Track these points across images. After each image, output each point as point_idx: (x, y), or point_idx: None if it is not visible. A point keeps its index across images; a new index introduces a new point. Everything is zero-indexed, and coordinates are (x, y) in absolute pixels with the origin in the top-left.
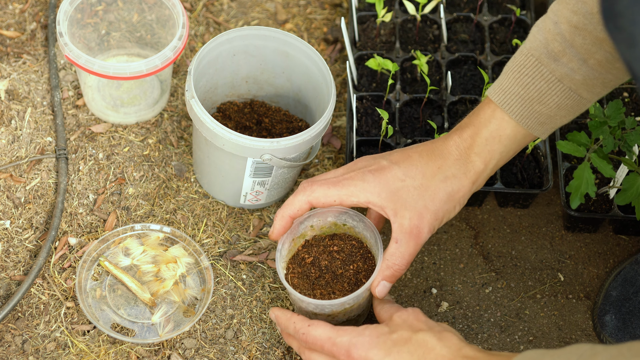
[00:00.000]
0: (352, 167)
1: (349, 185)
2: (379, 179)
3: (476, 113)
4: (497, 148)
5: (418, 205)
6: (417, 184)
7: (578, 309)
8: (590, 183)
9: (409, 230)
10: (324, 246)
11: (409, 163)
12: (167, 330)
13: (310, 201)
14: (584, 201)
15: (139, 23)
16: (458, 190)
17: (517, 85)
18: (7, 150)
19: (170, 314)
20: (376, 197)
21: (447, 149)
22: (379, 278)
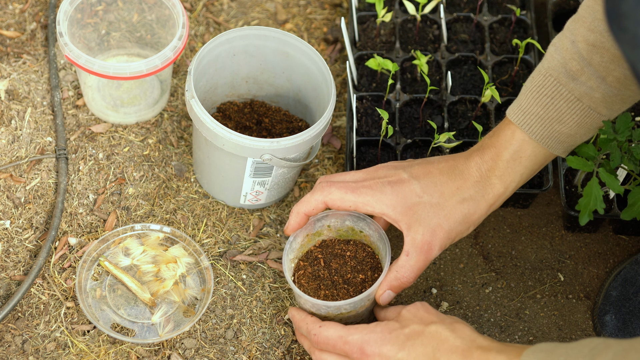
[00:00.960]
0: (373, 175)
1: (366, 194)
2: (397, 192)
3: (497, 134)
4: (518, 169)
5: (432, 223)
6: (434, 202)
7: (578, 309)
8: (599, 199)
9: (420, 245)
10: (339, 249)
11: (428, 180)
12: (167, 330)
13: (327, 202)
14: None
15: (139, 23)
16: (474, 213)
17: (537, 105)
18: (7, 150)
19: (170, 314)
20: (391, 210)
21: (468, 170)
22: (385, 287)
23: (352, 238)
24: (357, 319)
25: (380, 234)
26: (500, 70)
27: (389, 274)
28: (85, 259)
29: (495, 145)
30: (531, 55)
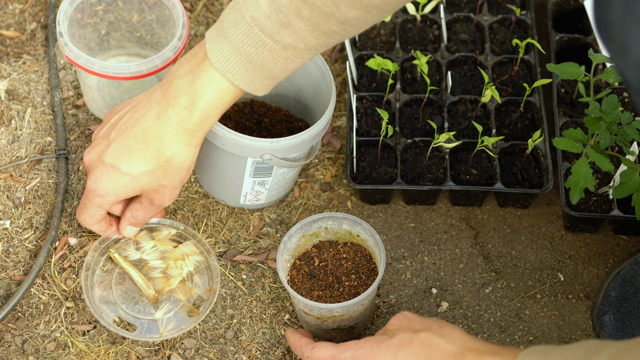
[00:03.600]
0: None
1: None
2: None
3: (191, 80)
4: (215, 114)
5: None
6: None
7: (578, 309)
8: (589, 177)
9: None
10: (335, 251)
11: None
12: (169, 329)
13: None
14: (584, 195)
15: (139, 23)
16: (186, 159)
17: (240, 55)
18: (7, 150)
19: (174, 313)
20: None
21: (163, 128)
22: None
23: (349, 241)
24: (351, 321)
25: (375, 239)
26: (500, 70)
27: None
28: (95, 248)
29: (189, 93)
30: (531, 55)
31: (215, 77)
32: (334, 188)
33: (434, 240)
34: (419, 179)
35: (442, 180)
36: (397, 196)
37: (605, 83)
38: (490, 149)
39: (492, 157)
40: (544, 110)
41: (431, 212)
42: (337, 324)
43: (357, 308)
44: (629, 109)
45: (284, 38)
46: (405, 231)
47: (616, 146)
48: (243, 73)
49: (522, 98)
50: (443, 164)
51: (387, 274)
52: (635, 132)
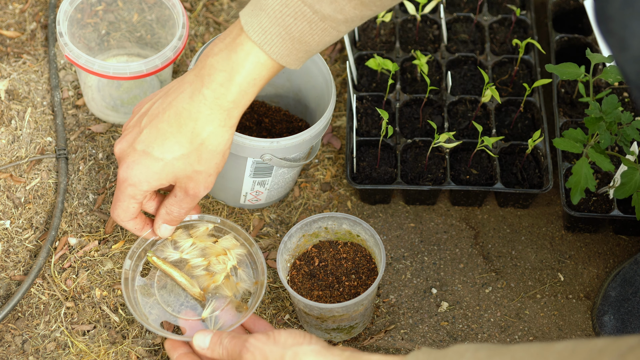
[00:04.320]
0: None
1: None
2: (141, 165)
3: (227, 55)
4: (252, 91)
5: (187, 172)
6: (177, 155)
7: (578, 309)
8: (589, 177)
9: (186, 191)
10: (335, 251)
11: (160, 137)
12: (219, 326)
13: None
14: (585, 196)
15: (139, 23)
16: (224, 142)
17: (279, 25)
18: (7, 150)
19: (221, 310)
20: (150, 181)
21: (198, 108)
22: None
23: (349, 241)
24: (351, 321)
25: (375, 239)
26: (500, 70)
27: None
28: (131, 254)
29: (225, 69)
30: (531, 55)
31: (253, 50)
32: (334, 188)
33: (434, 240)
34: (419, 179)
35: (442, 180)
36: (397, 196)
37: (605, 83)
38: (490, 149)
39: (492, 157)
40: (544, 110)
41: (431, 212)
42: (337, 324)
43: (357, 308)
44: (629, 108)
45: (323, 8)
46: (405, 231)
47: (616, 146)
48: (281, 45)
49: (522, 98)
50: (443, 164)
51: (387, 274)
52: (636, 132)
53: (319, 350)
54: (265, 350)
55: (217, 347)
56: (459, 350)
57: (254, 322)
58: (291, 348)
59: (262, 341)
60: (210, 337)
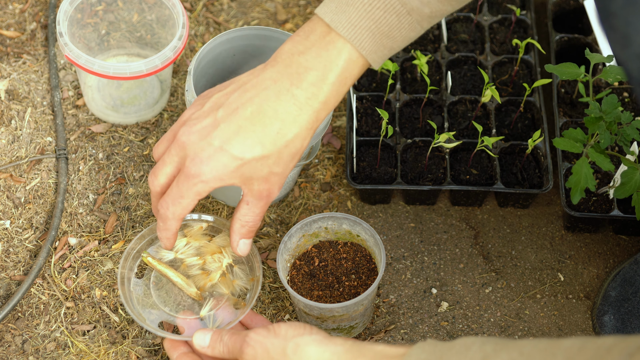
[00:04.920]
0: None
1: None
2: (217, 163)
3: (316, 52)
4: (342, 91)
5: (264, 173)
6: (257, 156)
7: (578, 309)
8: (589, 177)
9: (258, 193)
10: (335, 252)
11: (243, 135)
12: (217, 324)
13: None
14: (585, 195)
15: (139, 23)
16: (302, 146)
17: (369, 19)
18: (7, 150)
19: (220, 307)
20: (219, 180)
21: (285, 107)
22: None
23: (349, 241)
24: (351, 321)
25: (375, 239)
26: (500, 70)
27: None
28: (125, 257)
29: (317, 68)
30: (531, 55)
31: (345, 47)
32: (334, 188)
33: (434, 240)
34: (419, 179)
35: (442, 180)
36: (397, 196)
37: (605, 83)
38: (490, 149)
39: (492, 157)
40: (544, 110)
41: (431, 212)
42: (337, 324)
43: (357, 308)
44: (629, 108)
45: (411, 0)
46: (405, 231)
47: (616, 146)
48: (370, 40)
49: (522, 98)
50: (443, 164)
51: (387, 274)
52: (635, 132)
53: (321, 340)
54: (266, 344)
55: (217, 344)
56: (466, 343)
57: (251, 318)
58: (292, 339)
59: (263, 335)
60: (210, 335)
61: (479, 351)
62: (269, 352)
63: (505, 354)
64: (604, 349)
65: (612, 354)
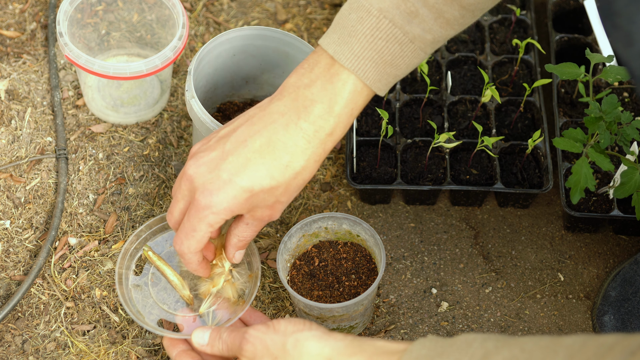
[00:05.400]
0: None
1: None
2: (228, 196)
3: (322, 85)
4: (349, 122)
5: (270, 202)
6: (266, 189)
7: (578, 309)
8: (589, 177)
9: (260, 217)
10: (335, 252)
11: (252, 169)
12: (216, 322)
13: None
14: (584, 195)
15: (139, 23)
16: (308, 177)
17: (371, 49)
18: (7, 150)
19: (219, 305)
20: (229, 212)
21: (294, 141)
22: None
23: (349, 241)
24: (351, 321)
25: (375, 239)
26: (500, 70)
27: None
28: (122, 255)
29: (323, 100)
30: (531, 55)
31: (350, 79)
32: (334, 188)
33: (434, 240)
34: (419, 179)
35: (442, 180)
36: (397, 196)
37: (605, 83)
38: (490, 149)
39: (492, 157)
40: (544, 110)
41: (431, 212)
42: (337, 324)
43: (357, 308)
44: (628, 108)
45: (413, 29)
46: (405, 231)
47: (616, 146)
48: (374, 70)
49: (522, 98)
50: (443, 164)
51: (387, 274)
52: (635, 132)
53: (320, 336)
54: (265, 340)
55: (216, 342)
56: (467, 340)
57: (250, 315)
58: (292, 335)
59: (262, 331)
60: (209, 333)
61: (481, 347)
62: (268, 349)
63: (507, 350)
64: (606, 347)
65: (614, 352)
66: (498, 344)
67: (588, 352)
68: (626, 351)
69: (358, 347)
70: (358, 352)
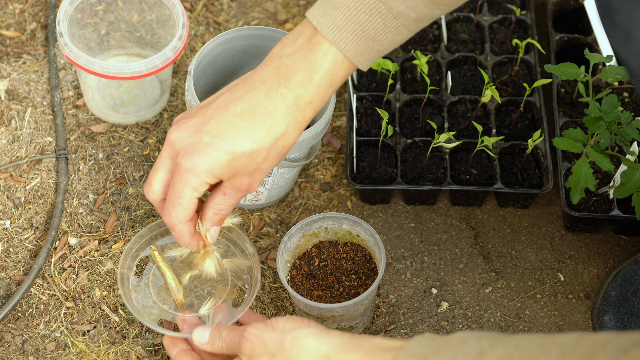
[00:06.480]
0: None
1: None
2: (209, 158)
3: (303, 53)
4: (329, 92)
5: (250, 169)
6: (247, 152)
7: (578, 309)
8: (589, 177)
9: (239, 187)
10: (335, 252)
11: (233, 132)
12: (217, 322)
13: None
14: (585, 195)
15: (139, 23)
16: (288, 145)
17: (354, 23)
18: (7, 150)
19: (219, 305)
20: (211, 175)
21: (274, 106)
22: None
23: (349, 241)
24: (351, 321)
25: (375, 239)
26: (500, 70)
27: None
28: (125, 255)
29: (304, 69)
30: (531, 55)
31: (331, 50)
32: (334, 188)
33: (434, 240)
34: (419, 179)
35: (442, 180)
36: (397, 196)
37: (605, 83)
38: (490, 149)
39: (492, 157)
40: (544, 110)
41: (431, 212)
42: (337, 323)
43: (357, 308)
44: (628, 108)
45: (397, 5)
46: (405, 231)
47: (616, 146)
48: (355, 43)
49: (522, 98)
50: (443, 164)
51: (387, 274)
52: (635, 132)
53: (318, 333)
54: (264, 338)
55: (216, 340)
56: (463, 337)
57: (249, 316)
58: (290, 332)
59: (261, 329)
60: (209, 331)
61: (476, 345)
62: (266, 346)
63: (502, 348)
64: (599, 344)
65: (607, 350)
66: (493, 341)
67: (581, 349)
68: (619, 349)
69: (355, 344)
70: (355, 349)
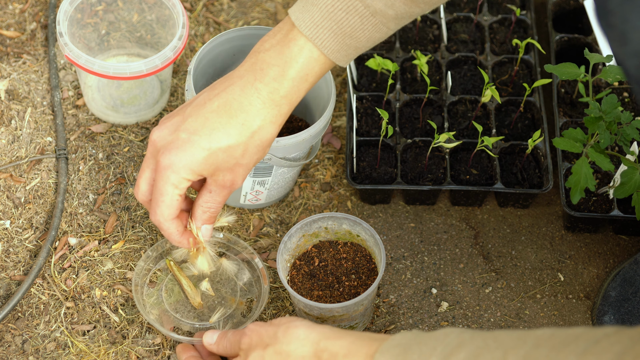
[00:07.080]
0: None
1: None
2: (186, 155)
3: (279, 49)
4: (304, 87)
5: (230, 164)
6: (223, 147)
7: (578, 309)
8: (589, 177)
9: (222, 183)
10: (335, 252)
11: (209, 128)
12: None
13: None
14: (584, 195)
15: (139, 23)
16: (266, 139)
17: (330, 20)
18: (7, 150)
19: (229, 315)
20: (190, 171)
21: (249, 100)
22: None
23: (349, 241)
24: (351, 321)
25: (375, 239)
26: (500, 70)
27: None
28: (137, 273)
29: (278, 64)
30: (531, 55)
31: (306, 45)
32: (334, 188)
33: (434, 240)
34: (419, 179)
35: (442, 180)
36: (397, 196)
37: (605, 83)
38: (490, 149)
39: (492, 157)
40: (544, 110)
41: (431, 212)
42: (337, 324)
43: (357, 308)
44: (628, 108)
45: (374, 3)
46: (405, 231)
47: (616, 146)
48: (332, 40)
49: (522, 98)
50: (443, 164)
51: (387, 274)
52: (635, 132)
53: (310, 324)
54: (260, 331)
55: (222, 340)
56: (446, 332)
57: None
58: (284, 324)
59: (259, 324)
60: (218, 334)
61: (457, 338)
62: (262, 338)
63: (481, 340)
64: (573, 336)
65: (579, 341)
66: (474, 335)
67: (555, 340)
68: (591, 340)
69: (345, 332)
70: (344, 336)
